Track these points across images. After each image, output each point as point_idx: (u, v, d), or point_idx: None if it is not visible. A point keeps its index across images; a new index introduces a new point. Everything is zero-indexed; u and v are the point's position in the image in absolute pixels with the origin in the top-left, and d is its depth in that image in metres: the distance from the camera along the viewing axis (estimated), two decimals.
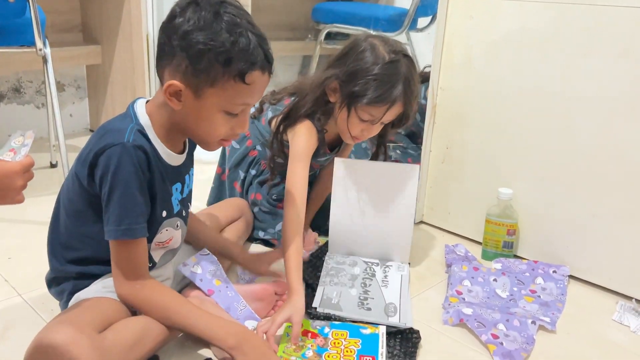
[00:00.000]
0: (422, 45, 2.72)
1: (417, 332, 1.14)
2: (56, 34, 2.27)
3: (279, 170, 1.47)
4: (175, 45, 0.94)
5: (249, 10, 2.40)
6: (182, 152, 1.08)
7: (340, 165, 1.40)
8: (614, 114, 1.32)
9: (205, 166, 2.13)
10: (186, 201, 1.13)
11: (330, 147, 1.49)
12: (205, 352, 1.07)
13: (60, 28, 2.32)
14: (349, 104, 1.29)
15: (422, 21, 2.59)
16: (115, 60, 2.28)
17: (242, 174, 1.56)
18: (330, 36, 2.78)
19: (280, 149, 1.42)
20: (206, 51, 0.93)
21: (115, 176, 0.94)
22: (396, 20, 2.44)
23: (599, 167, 1.36)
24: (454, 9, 1.55)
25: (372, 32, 2.39)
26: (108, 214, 0.96)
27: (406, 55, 1.31)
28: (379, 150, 1.51)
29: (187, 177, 1.12)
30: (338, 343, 1.09)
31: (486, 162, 1.57)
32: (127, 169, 0.94)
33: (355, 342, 1.09)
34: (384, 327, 1.13)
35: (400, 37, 2.53)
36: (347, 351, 1.06)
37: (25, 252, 1.41)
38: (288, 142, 1.39)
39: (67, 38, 2.34)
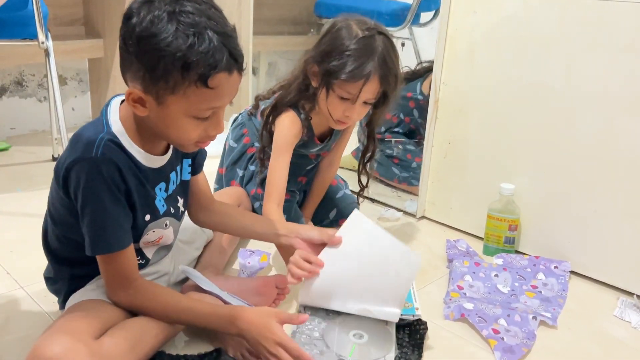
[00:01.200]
0: (424, 40, 2.71)
1: (425, 323, 1.14)
2: (58, 27, 2.27)
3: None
4: (131, 51, 0.88)
5: (250, 5, 2.39)
6: (164, 153, 1.04)
7: (354, 218, 1.18)
8: (617, 109, 1.32)
9: (208, 159, 2.14)
10: (174, 197, 1.09)
11: (321, 137, 1.48)
12: (208, 347, 1.07)
13: (63, 21, 2.32)
14: (327, 83, 1.28)
15: (425, 16, 2.58)
16: (117, 53, 2.27)
17: (240, 172, 1.55)
18: None
19: (269, 140, 1.41)
20: (161, 58, 0.85)
21: (86, 192, 0.91)
22: (399, 15, 2.43)
23: (601, 162, 1.36)
24: (457, 3, 1.54)
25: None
26: (84, 229, 0.95)
27: (381, 33, 1.29)
28: (369, 141, 1.49)
29: (172, 174, 1.07)
30: None
31: (488, 157, 1.57)
32: (97, 184, 0.91)
33: None
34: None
35: (403, 32, 2.53)
36: None
37: (26, 245, 1.41)
38: None
39: (69, 31, 2.34)
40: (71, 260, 1.04)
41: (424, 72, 2.00)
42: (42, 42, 1.72)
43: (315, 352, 1.03)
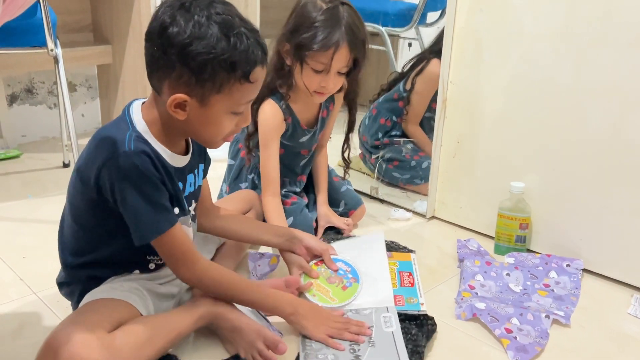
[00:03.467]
0: (431, 40, 2.70)
1: (432, 319, 1.15)
2: (67, 34, 2.29)
3: (257, 152, 1.50)
4: (173, 59, 0.92)
5: (256, 8, 2.40)
6: (185, 153, 1.07)
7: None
8: (627, 105, 1.31)
9: (215, 163, 2.14)
10: (189, 199, 1.12)
11: (308, 124, 1.52)
12: (219, 351, 1.07)
13: (71, 28, 2.34)
14: (299, 57, 1.35)
15: (432, 15, 2.57)
16: (126, 59, 2.29)
17: (243, 185, 1.58)
18: None
19: (255, 129, 1.47)
20: (209, 61, 0.91)
21: (123, 185, 0.93)
22: (405, 15, 2.43)
23: (611, 159, 1.35)
24: (463, 2, 1.53)
25: (380, 27, 2.41)
26: (129, 221, 0.96)
27: (344, 3, 1.35)
28: (351, 113, 1.55)
29: (190, 176, 1.10)
30: None
31: (497, 155, 1.56)
32: (132, 175, 0.93)
33: (393, 263, 1.33)
34: (414, 254, 1.37)
35: (409, 32, 2.53)
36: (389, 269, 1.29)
37: (39, 251, 1.42)
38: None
39: (77, 38, 2.36)
40: (87, 262, 1.05)
41: (408, 72, 2.01)
42: (51, 50, 1.73)
43: (331, 357, 1.04)
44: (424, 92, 1.92)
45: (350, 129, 1.58)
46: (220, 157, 1.91)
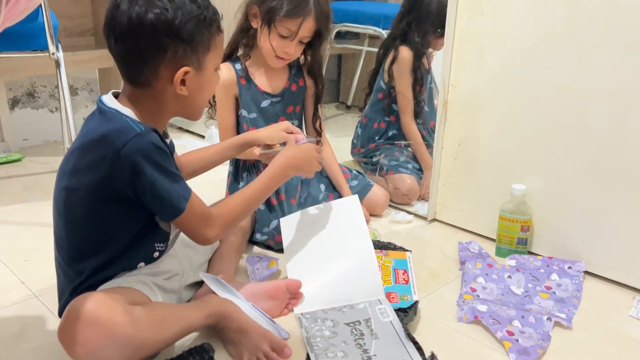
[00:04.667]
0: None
1: (416, 302, 1.21)
2: (68, 38, 2.30)
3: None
4: (165, 39, 0.95)
5: None
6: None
7: (284, 224, 1.39)
8: (629, 107, 1.31)
9: (218, 167, 2.14)
10: None
11: (271, 89, 1.57)
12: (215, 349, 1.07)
13: (73, 32, 2.35)
14: (268, 21, 1.43)
15: None
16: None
17: (241, 186, 1.59)
18: (340, 35, 2.78)
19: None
20: (194, 25, 0.97)
21: (146, 164, 0.94)
22: None
23: (613, 161, 1.35)
24: (464, 5, 1.54)
25: (380, 29, 2.41)
26: (160, 199, 0.97)
27: None
28: (317, 82, 1.61)
29: None
30: (377, 257, 1.30)
31: (499, 158, 1.56)
32: (153, 151, 0.95)
33: (389, 261, 1.36)
34: (410, 253, 1.40)
35: None
36: (383, 266, 1.33)
37: (41, 254, 1.42)
38: None
39: (79, 42, 2.37)
40: (98, 265, 1.02)
41: (379, 67, 2.02)
42: (53, 53, 1.74)
43: (340, 355, 1.04)
44: (404, 77, 1.94)
45: (317, 100, 1.64)
46: None
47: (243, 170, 1.59)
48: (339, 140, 1.64)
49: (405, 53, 1.91)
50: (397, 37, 1.95)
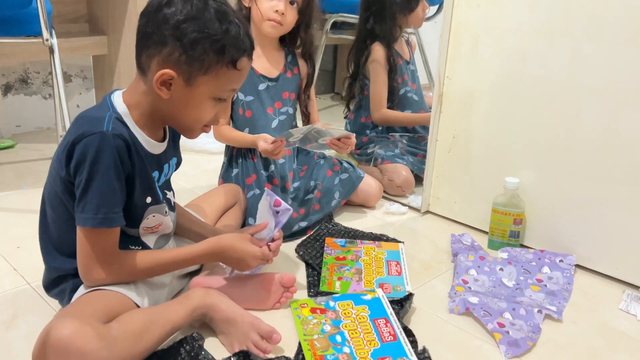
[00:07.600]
0: (428, 35, 2.70)
1: (412, 295, 1.22)
2: (62, 24, 2.27)
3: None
4: (167, 34, 0.95)
5: None
6: (162, 141, 1.09)
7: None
8: (622, 102, 1.31)
9: (212, 156, 2.14)
10: (163, 189, 1.12)
11: (267, 72, 1.58)
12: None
13: (67, 18, 2.32)
14: None
15: (429, 10, 2.57)
16: (121, 50, 2.28)
17: (234, 171, 1.58)
18: (336, 26, 2.77)
19: None
20: (201, 40, 0.95)
21: (94, 165, 0.93)
22: None
23: (606, 155, 1.36)
24: None
25: None
26: (84, 201, 0.95)
27: None
28: (308, 68, 1.64)
29: (166, 166, 1.11)
30: (348, 313, 1.15)
31: (493, 151, 1.56)
32: (106, 157, 0.93)
33: (363, 309, 1.16)
34: (380, 290, 1.23)
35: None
36: (360, 318, 1.13)
37: (33, 241, 1.40)
38: None
39: (73, 28, 2.34)
40: (74, 251, 1.02)
41: (357, 70, 2.04)
42: (47, 40, 1.72)
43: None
44: (379, 73, 1.95)
45: (309, 82, 1.66)
46: (217, 149, 1.91)
47: (238, 156, 1.58)
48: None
49: (377, 49, 1.93)
50: (367, 38, 1.96)
